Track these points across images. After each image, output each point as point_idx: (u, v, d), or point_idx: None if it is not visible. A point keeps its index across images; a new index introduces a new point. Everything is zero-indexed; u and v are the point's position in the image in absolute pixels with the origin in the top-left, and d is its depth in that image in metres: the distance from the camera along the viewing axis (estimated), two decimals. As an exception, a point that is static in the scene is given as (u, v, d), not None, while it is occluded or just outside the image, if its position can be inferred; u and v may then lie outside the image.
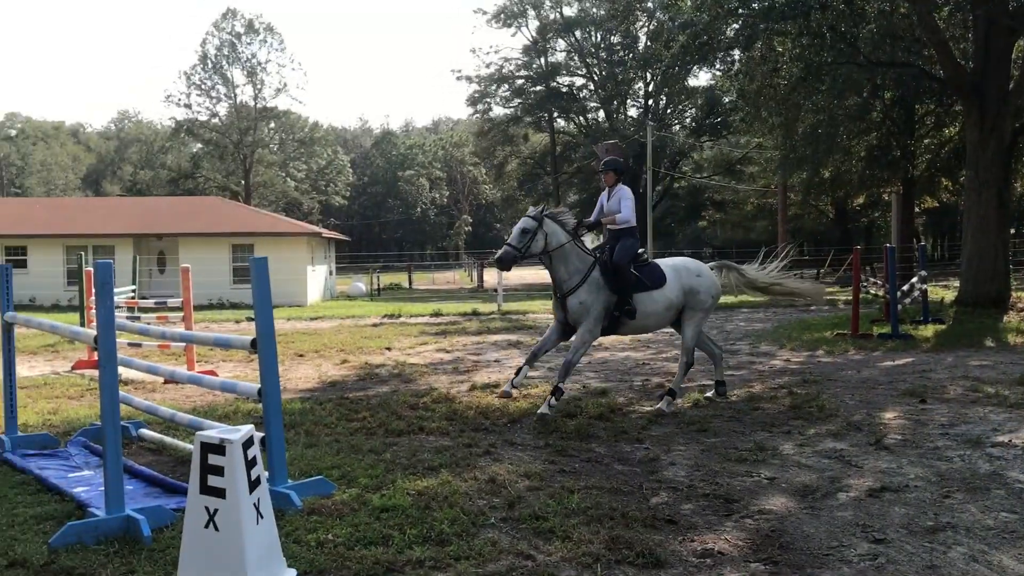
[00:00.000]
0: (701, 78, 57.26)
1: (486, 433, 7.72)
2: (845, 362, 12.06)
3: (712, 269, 9.36)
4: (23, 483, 6.23)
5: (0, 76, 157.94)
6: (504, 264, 8.41)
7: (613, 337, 15.58)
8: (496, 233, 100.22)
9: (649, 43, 52.93)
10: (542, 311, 23.22)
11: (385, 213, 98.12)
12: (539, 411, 8.23)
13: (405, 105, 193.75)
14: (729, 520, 5.22)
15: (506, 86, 56.68)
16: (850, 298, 16.01)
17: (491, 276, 44.45)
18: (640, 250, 8.87)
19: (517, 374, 8.58)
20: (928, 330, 15.13)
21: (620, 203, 8.74)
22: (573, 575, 4.36)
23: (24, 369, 12.28)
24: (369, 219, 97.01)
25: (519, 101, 56.26)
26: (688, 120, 57.94)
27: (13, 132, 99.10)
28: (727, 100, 46.77)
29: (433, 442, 7.34)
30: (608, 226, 8.88)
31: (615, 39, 55.80)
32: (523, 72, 56.25)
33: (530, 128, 58.84)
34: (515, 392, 8.80)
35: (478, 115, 60.23)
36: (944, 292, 23.81)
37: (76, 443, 7.37)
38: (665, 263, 9.01)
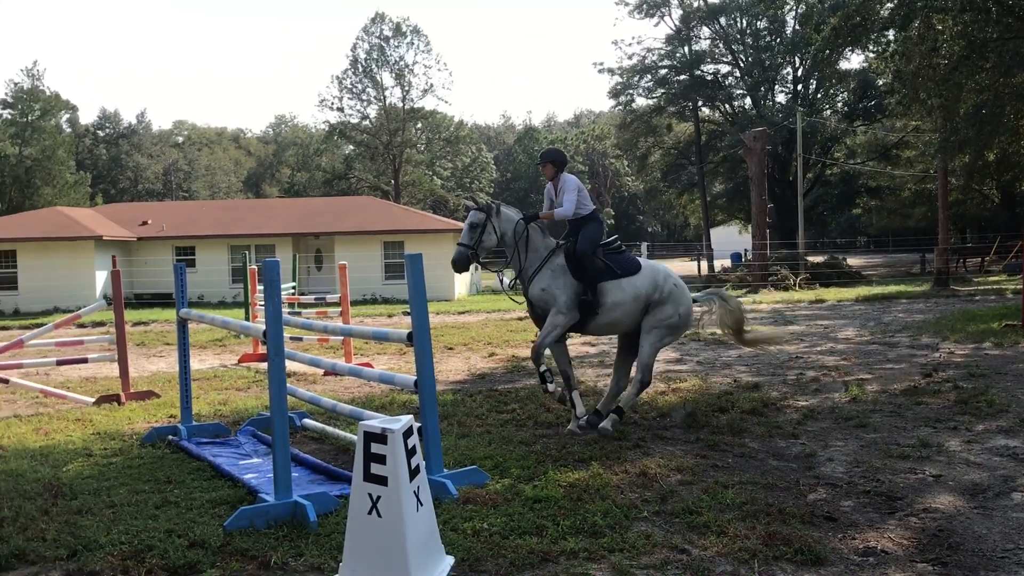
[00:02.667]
0: (853, 61, 55.08)
1: (635, 427, 7.70)
2: (1015, 355, 11.36)
3: (697, 299, 8.36)
4: (199, 469, 6.65)
5: (169, 87, 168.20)
6: (458, 266, 7.57)
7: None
8: (639, 225, 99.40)
9: (798, 27, 51.17)
10: (688, 304, 22.87)
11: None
12: (546, 389, 7.67)
13: (547, 100, 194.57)
14: (892, 518, 5.04)
15: (649, 76, 55.98)
16: (1019, 287, 15.05)
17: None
18: (613, 238, 8.02)
19: (573, 406, 7.75)
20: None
21: (563, 196, 7.83)
22: (729, 570, 4.31)
23: (195, 362, 13.07)
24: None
25: (662, 91, 55.50)
26: (840, 104, 55.70)
27: (180, 139, 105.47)
28: (881, 83, 44.66)
29: (582, 435, 7.37)
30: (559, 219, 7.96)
31: (761, 24, 54.26)
32: (666, 62, 55.42)
33: (674, 118, 57.93)
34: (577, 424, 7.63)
35: (620, 107, 59.71)
36: None
37: (245, 432, 7.81)
38: (648, 262, 8.09)
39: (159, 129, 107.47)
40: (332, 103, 73.13)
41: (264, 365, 12.76)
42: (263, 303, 5.55)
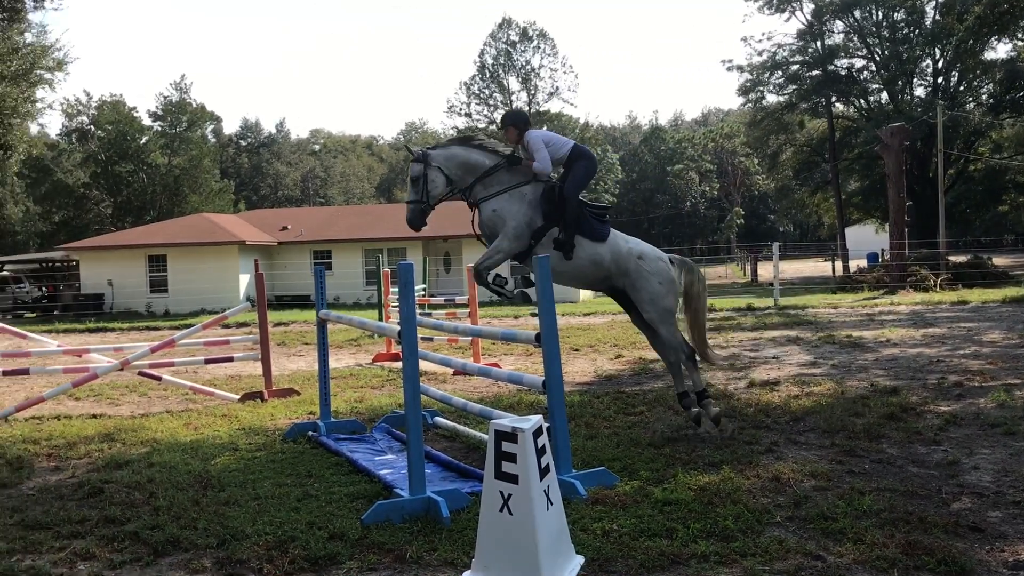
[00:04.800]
0: (999, 50, 52.10)
1: (767, 431, 7.55)
2: None
3: (673, 263, 7.66)
4: (337, 464, 6.91)
5: (306, 97, 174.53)
6: (413, 224, 7.16)
7: (902, 333, 14.66)
8: (770, 224, 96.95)
9: (939, 17, 48.92)
10: (823, 305, 22.24)
11: (654, 209, 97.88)
12: (503, 293, 7.20)
13: (673, 99, 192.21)
14: (1046, 532, 4.78)
15: (779, 73, 54.62)
16: None
17: (765, 270, 43.11)
18: (601, 204, 7.58)
19: None
20: None
21: (535, 156, 7.27)
22: (866, 579, 4.20)
23: (332, 361, 13.51)
24: (638, 215, 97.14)
25: (794, 87, 54.05)
26: (985, 97, 52.88)
27: (317, 147, 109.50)
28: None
29: (712, 438, 7.29)
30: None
31: (899, 16, 52.11)
32: (797, 57, 53.94)
33: (806, 114, 56.29)
34: None
35: (750, 104, 58.50)
36: None
37: (380, 429, 8.06)
38: (619, 234, 7.49)
39: (297, 138, 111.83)
40: (460, 109, 74.49)
41: (397, 364, 13.14)
42: (397, 304, 5.72)
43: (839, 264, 45.60)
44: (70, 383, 10.21)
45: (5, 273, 38.39)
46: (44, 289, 38.58)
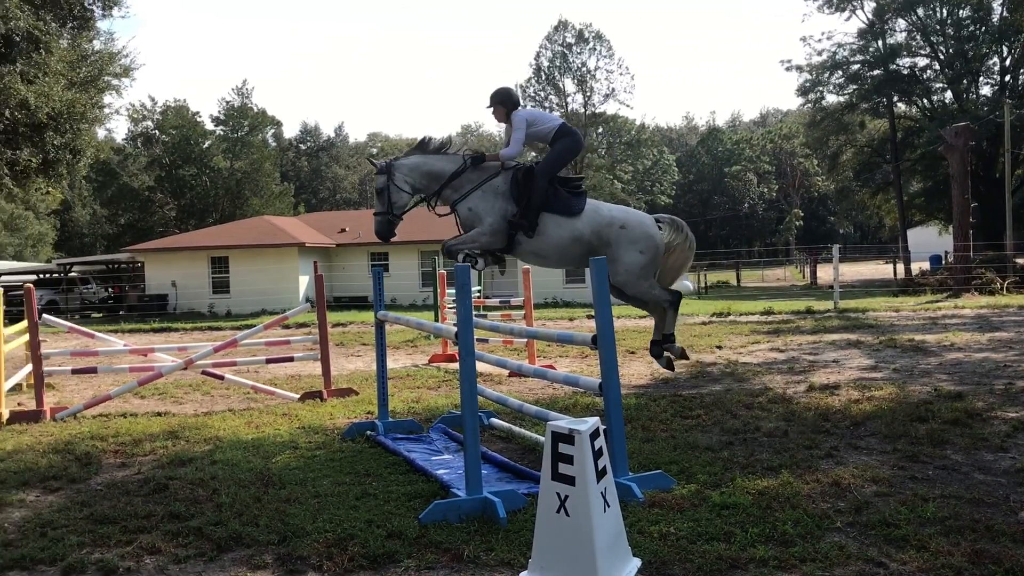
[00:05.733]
0: (1072, 46, 50.55)
1: (827, 435, 7.45)
2: None
3: (660, 224, 7.47)
4: (395, 464, 6.98)
5: (364, 101, 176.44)
6: (381, 235, 7.30)
7: (967, 337, 14.32)
8: (830, 226, 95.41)
9: (1007, 14, 47.67)
10: (884, 308, 21.83)
11: (711, 210, 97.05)
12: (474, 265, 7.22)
13: (731, 100, 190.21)
14: (1119, 542, 4.64)
15: (839, 73, 53.71)
16: None
17: (825, 272, 42.45)
18: (577, 177, 7.52)
19: None
20: None
21: (511, 135, 7.31)
22: (930, 587, 4.12)
23: (389, 362, 13.67)
24: (695, 217, 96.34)
25: (854, 87, 53.10)
26: (1056, 94, 51.48)
27: (375, 150, 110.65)
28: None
29: (771, 442, 7.22)
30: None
31: (964, 13, 50.87)
32: (858, 57, 52.99)
33: (867, 115, 55.25)
34: None
35: (809, 105, 57.62)
36: None
37: (437, 429, 8.13)
38: (601, 204, 7.41)
39: (355, 141, 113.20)
40: (516, 111, 74.47)
41: (453, 365, 13.23)
42: (452, 306, 5.77)
43: (901, 266, 44.72)
44: (136, 382, 10.47)
45: (73, 274, 39.45)
46: (110, 290, 39.59)
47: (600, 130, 78.23)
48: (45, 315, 10.84)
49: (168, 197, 68.72)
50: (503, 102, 7.50)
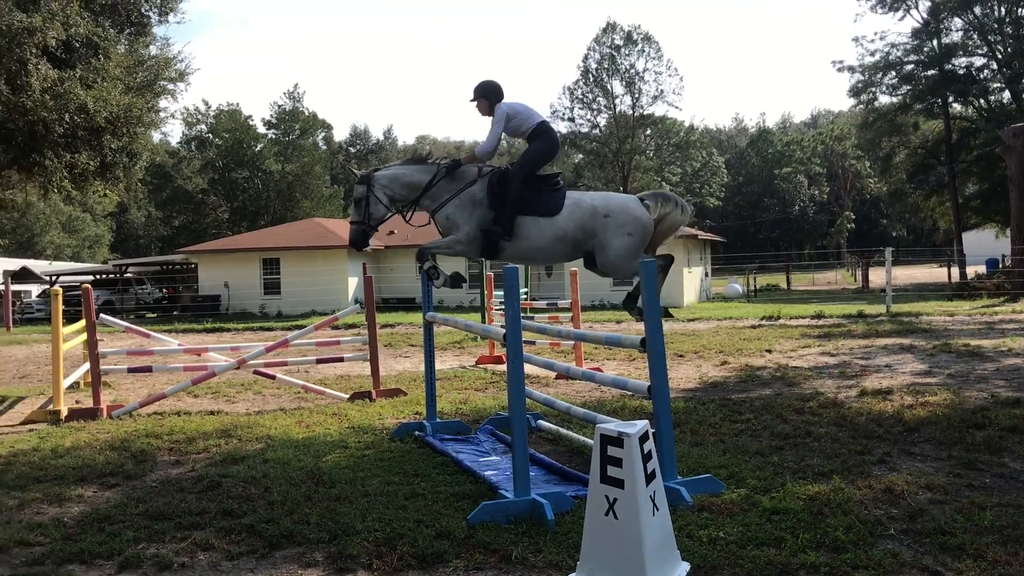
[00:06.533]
0: None
1: (879, 441, 7.33)
2: None
3: (646, 201, 7.34)
4: (443, 464, 7.02)
5: (412, 104, 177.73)
6: (355, 244, 7.29)
7: (1026, 342, 13.99)
8: (882, 229, 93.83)
9: (1068, 11, 46.56)
10: (938, 312, 21.42)
11: (761, 212, 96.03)
12: (434, 282, 7.46)
13: (781, 101, 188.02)
14: None
15: (893, 73, 52.80)
16: None
17: (877, 276, 41.78)
18: (554, 173, 7.43)
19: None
20: None
21: (489, 132, 7.29)
22: (987, 597, 4.04)
23: (436, 363, 13.75)
24: (744, 219, 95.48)
25: (908, 88, 52.16)
26: (1119, 94, 50.07)
27: (423, 153, 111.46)
28: None
29: (822, 447, 7.12)
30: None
31: (1023, 11, 49.78)
32: (912, 57, 52.06)
33: (921, 115, 54.23)
34: None
35: (861, 106, 56.75)
36: None
37: (484, 430, 8.16)
38: (582, 196, 7.33)
39: (404, 144, 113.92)
40: (563, 114, 74.45)
41: (500, 367, 13.26)
42: (500, 308, 5.79)
43: (955, 270, 43.84)
44: (190, 381, 10.66)
45: (129, 275, 40.28)
46: (164, 290, 40.35)
47: (648, 132, 77.81)
48: (102, 315, 11.08)
49: (221, 199, 69.89)
50: (486, 95, 7.47)
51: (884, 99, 54.12)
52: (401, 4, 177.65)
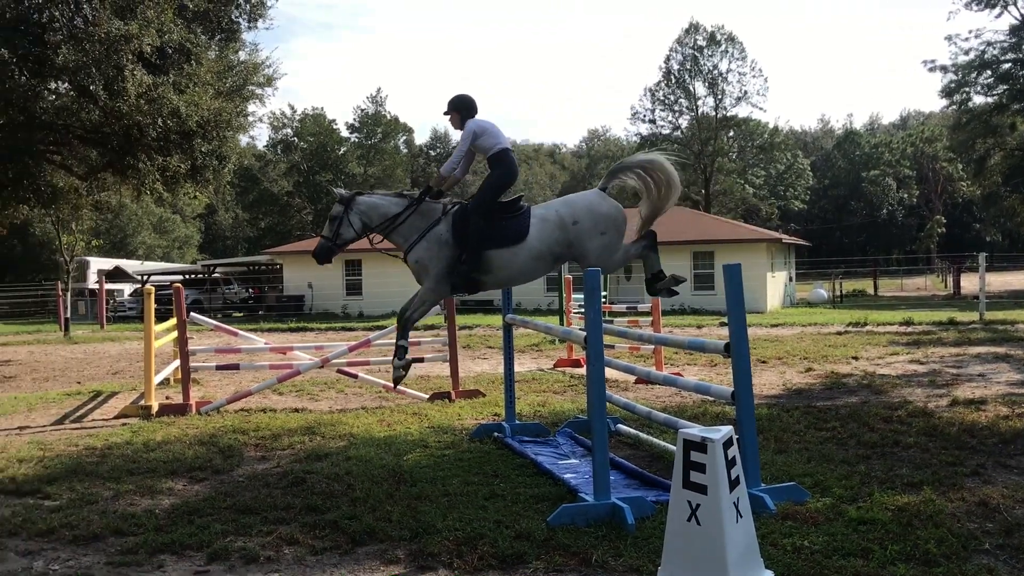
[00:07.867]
0: None
1: (972, 452, 7.09)
2: None
3: (608, 189, 7.24)
4: (521, 466, 7.04)
5: (491, 107, 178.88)
6: (318, 258, 7.40)
7: None
8: (975, 233, 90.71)
9: None
10: (1036, 321, 20.59)
11: (847, 216, 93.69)
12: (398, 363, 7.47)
13: (869, 102, 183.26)
14: None
15: (988, 72, 51.00)
16: None
17: (969, 282, 40.38)
18: (516, 197, 7.31)
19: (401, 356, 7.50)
20: None
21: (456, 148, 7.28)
22: (1089, 617, 3.87)
23: (515, 365, 13.80)
24: (830, 223, 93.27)
25: (1005, 87, 50.29)
26: None
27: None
28: None
29: (911, 457, 6.92)
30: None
31: None
32: (1009, 55, 50.21)
33: (1018, 117, 52.32)
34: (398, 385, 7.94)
35: (954, 106, 54.96)
36: None
37: (563, 433, 8.15)
38: (546, 209, 7.21)
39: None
40: (644, 115, 73.88)
41: (578, 370, 13.22)
42: (579, 310, 5.78)
43: (1055, 277, 42.06)
44: (276, 378, 10.90)
45: (216, 275, 41.39)
46: (250, 290, 41.32)
47: (731, 133, 76.63)
48: (192, 313, 11.42)
49: (305, 202, 71.35)
50: (458, 109, 7.51)
51: (978, 99, 52.33)
52: (487, 7, 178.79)
